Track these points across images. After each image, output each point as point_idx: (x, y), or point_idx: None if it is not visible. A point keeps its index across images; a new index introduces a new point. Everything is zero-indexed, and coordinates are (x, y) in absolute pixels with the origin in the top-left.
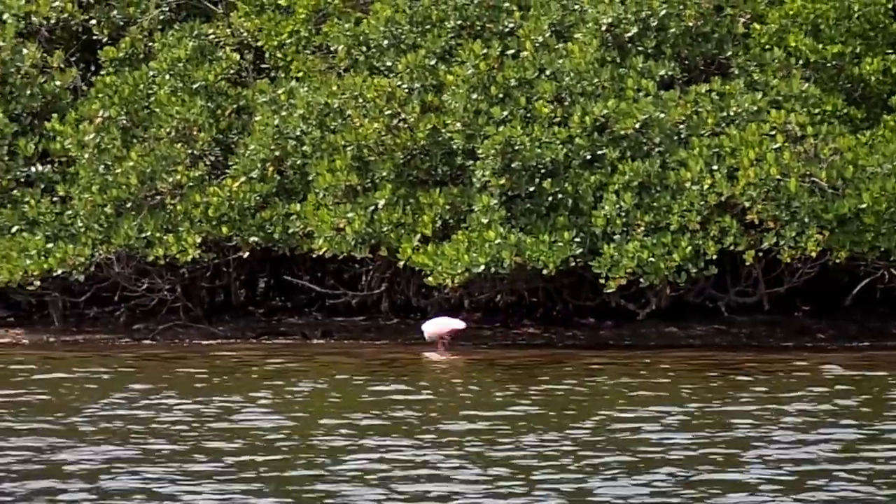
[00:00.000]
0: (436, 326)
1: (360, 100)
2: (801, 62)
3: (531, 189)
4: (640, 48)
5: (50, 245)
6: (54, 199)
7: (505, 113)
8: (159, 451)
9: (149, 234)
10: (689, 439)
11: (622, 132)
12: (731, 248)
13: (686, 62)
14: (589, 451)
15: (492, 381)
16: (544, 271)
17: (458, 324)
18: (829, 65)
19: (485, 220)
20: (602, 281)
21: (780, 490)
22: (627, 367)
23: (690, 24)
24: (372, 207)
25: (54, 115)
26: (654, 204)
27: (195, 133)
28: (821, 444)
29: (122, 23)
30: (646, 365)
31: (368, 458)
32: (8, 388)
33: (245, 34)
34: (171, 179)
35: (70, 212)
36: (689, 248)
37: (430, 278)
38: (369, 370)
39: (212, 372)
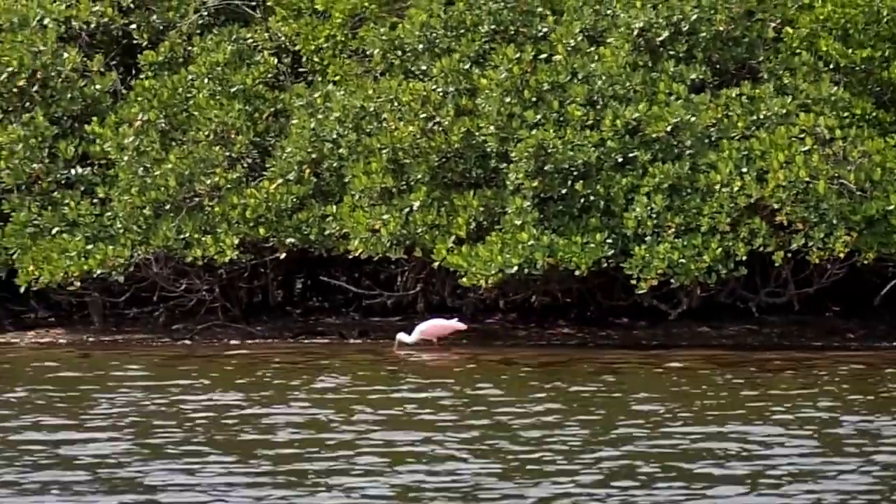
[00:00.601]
0: (434, 328)
1: (396, 103)
2: (830, 66)
3: (563, 191)
4: (671, 52)
5: (90, 246)
6: (94, 200)
7: (538, 116)
8: (197, 446)
9: (187, 235)
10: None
11: (653, 135)
12: (761, 249)
13: (717, 66)
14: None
15: (524, 380)
16: (576, 272)
17: (459, 325)
18: (857, 69)
19: (518, 222)
20: (633, 282)
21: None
22: (652, 365)
23: (721, 28)
24: (407, 209)
25: (94, 119)
26: (685, 206)
27: (233, 136)
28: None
29: (161, 27)
30: (671, 363)
31: (400, 451)
32: (48, 384)
33: (283, 38)
34: (209, 181)
35: (110, 213)
36: (720, 249)
37: (464, 279)
38: (407, 369)
39: (249, 369)
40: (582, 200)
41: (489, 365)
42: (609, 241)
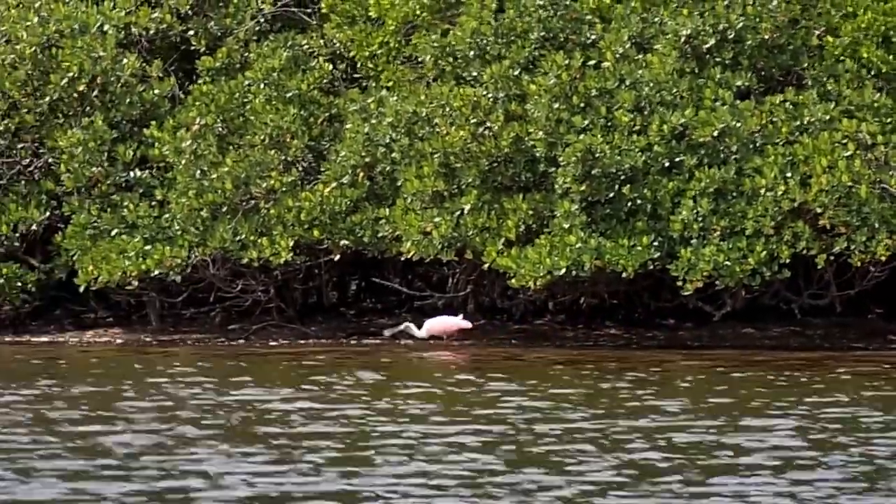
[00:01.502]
0: (442, 325)
1: (447, 108)
2: (872, 73)
3: (611, 195)
4: (717, 59)
5: (148, 247)
6: (152, 203)
7: (586, 122)
8: (262, 440)
9: (243, 237)
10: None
11: (700, 140)
12: (804, 252)
13: (762, 73)
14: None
15: (574, 378)
16: (623, 274)
17: (465, 323)
18: None
19: (566, 225)
20: (679, 283)
21: None
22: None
23: (766, 36)
24: (458, 212)
25: (153, 123)
26: (730, 209)
27: (288, 140)
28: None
29: (219, 34)
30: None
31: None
32: (104, 379)
33: (338, 45)
34: (264, 184)
35: (167, 215)
36: (764, 252)
37: (513, 280)
38: (458, 368)
39: (301, 367)
40: (629, 204)
41: (532, 363)
42: (655, 243)
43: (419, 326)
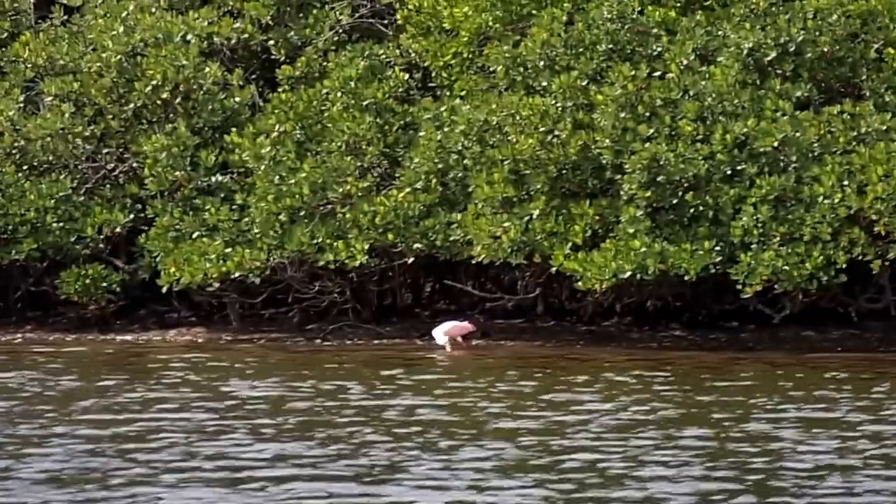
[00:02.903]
0: (454, 329)
1: (517, 117)
2: None
3: (675, 201)
4: (778, 71)
5: (228, 250)
6: (233, 207)
7: (651, 130)
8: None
9: (320, 240)
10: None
11: (760, 149)
12: (860, 257)
13: (821, 84)
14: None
15: (637, 377)
16: (686, 278)
17: (469, 326)
18: None
19: (631, 230)
20: (739, 287)
21: None
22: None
23: (826, 49)
24: (527, 217)
25: (233, 129)
26: (789, 216)
27: (364, 147)
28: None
29: (298, 44)
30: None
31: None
32: (186, 376)
33: (413, 55)
34: (341, 190)
35: (247, 219)
36: (821, 257)
37: (579, 283)
38: (531, 368)
39: (375, 365)
40: (692, 210)
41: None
42: (717, 248)
43: (438, 328)
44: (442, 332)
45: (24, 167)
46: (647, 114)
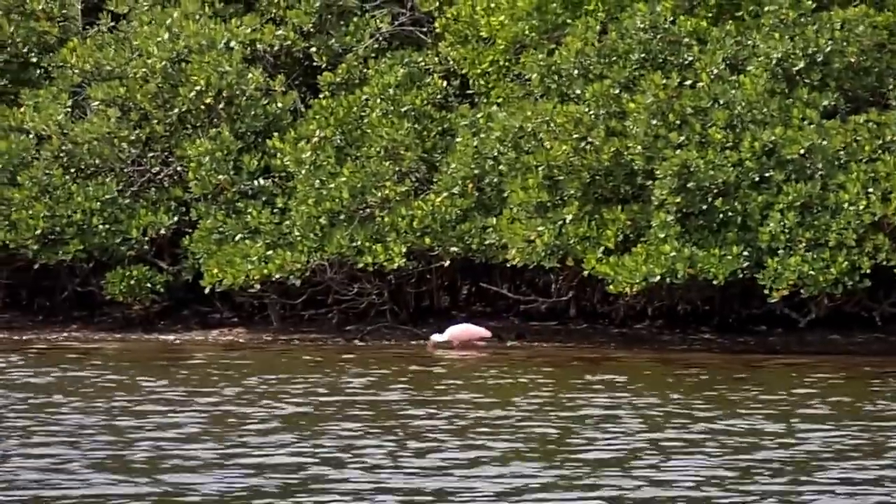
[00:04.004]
0: (465, 333)
1: (551, 124)
2: None
3: (704, 207)
4: (806, 81)
5: (269, 252)
6: (274, 210)
7: (682, 138)
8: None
9: (359, 243)
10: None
11: (788, 157)
12: (884, 263)
13: (848, 94)
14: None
15: (667, 376)
16: (714, 282)
17: (485, 332)
18: None
19: (661, 235)
20: (766, 291)
21: None
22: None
23: (853, 59)
24: (560, 222)
25: (275, 135)
26: (815, 222)
27: (402, 152)
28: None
29: (339, 51)
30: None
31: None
32: (228, 373)
33: (451, 62)
34: (379, 194)
35: (288, 222)
36: (846, 263)
37: (611, 286)
38: (565, 368)
39: (411, 365)
40: (720, 216)
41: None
42: (745, 253)
43: (449, 328)
44: (450, 332)
45: (72, 170)
46: (678, 121)
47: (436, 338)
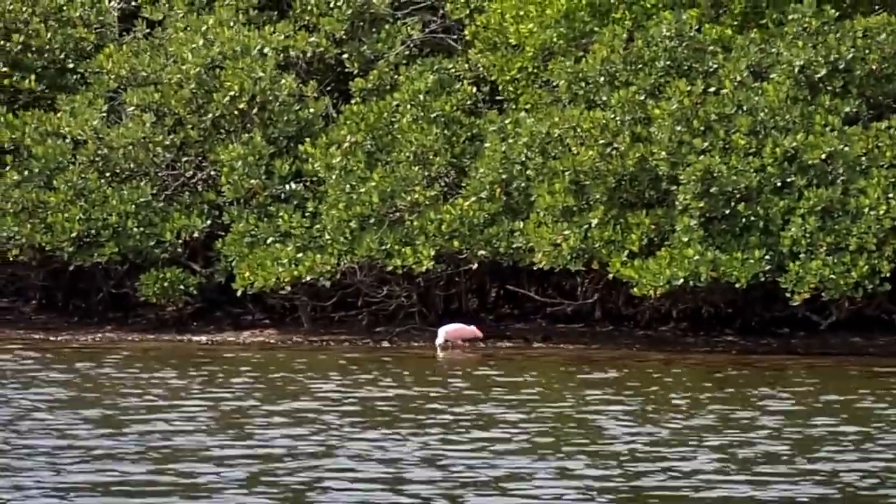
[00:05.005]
0: (457, 332)
1: (578, 130)
2: None
3: (727, 212)
4: (828, 88)
5: (300, 255)
6: (305, 214)
7: (705, 144)
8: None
9: (388, 246)
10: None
11: (809, 162)
12: None
13: (869, 100)
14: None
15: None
16: (737, 285)
17: (477, 332)
18: None
19: (685, 239)
20: (788, 294)
21: None
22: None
23: (874, 66)
24: (586, 226)
25: (307, 140)
26: (836, 227)
27: (432, 157)
28: None
29: (371, 57)
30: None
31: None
32: (260, 373)
33: (480, 69)
34: (409, 198)
35: (319, 225)
36: (866, 266)
37: (635, 289)
38: (592, 369)
39: (438, 366)
40: (743, 220)
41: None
42: (767, 257)
43: (442, 328)
44: (443, 333)
45: (107, 174)
46: (702, 128)
47: (439, 341)
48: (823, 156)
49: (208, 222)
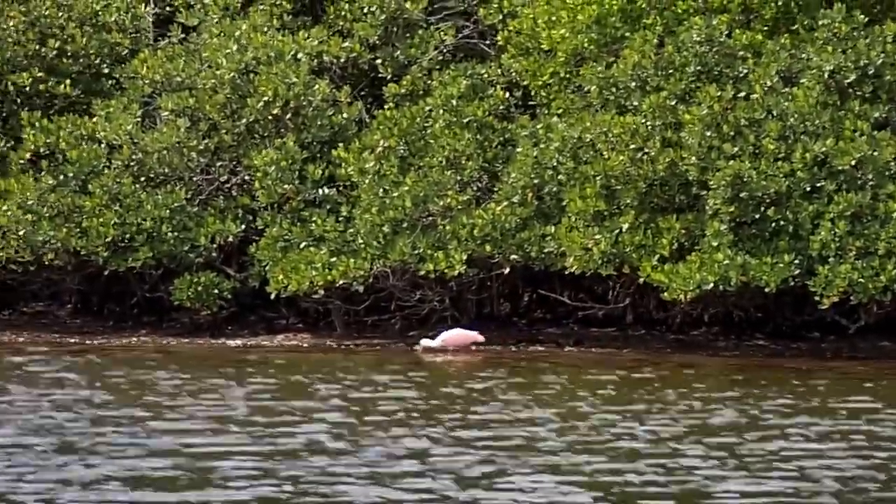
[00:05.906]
0: (457, 337)
1: (609, 135)
2: None
3: (757, 216)
4: (857, 93)
5: (334, 259)
6: (338, 218)
7: (735, 149)
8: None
9: (421, 250)
10: None
11: (839, 167)
12: None
13: None
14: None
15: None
16: (766, 289)
17: (478, 337)
18: None
19: (715, 244)
20: (817, 298)
21: None
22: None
23: None
24: (617, 230)
25: (340, 144)
26: (865, 231)
27: (464, 162)
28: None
29: (404, 62)
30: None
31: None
32: (289, 377)
33: (513, 74)
34: (441, 203)
35: (352, 230)
36: (895, 270)
37: (665, 294)
38: (623, 375)
39: (470, 369)
40: (773, 225)
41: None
42: (796, 261)
43: (442, 333)
44: (442, 337)
45: (142, 179)
46: (732, 133)
47: (426, 343)
48: (853, 161)
49: (242, 227)
